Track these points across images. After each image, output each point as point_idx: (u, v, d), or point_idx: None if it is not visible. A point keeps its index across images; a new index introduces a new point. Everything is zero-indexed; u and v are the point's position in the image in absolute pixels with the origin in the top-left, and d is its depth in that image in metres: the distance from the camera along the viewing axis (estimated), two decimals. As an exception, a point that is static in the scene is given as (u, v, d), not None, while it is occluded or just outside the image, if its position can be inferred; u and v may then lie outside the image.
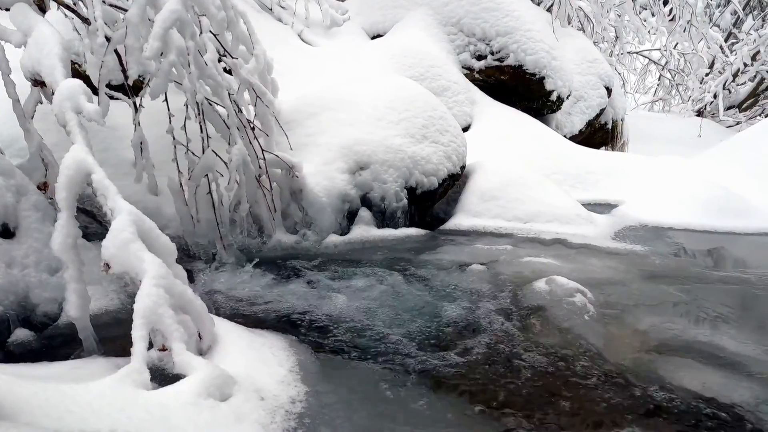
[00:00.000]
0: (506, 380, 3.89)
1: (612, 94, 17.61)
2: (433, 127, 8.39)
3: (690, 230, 8.83)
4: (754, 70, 27.24)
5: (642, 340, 4.59)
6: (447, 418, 3.43)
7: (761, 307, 5.55)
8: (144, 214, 3.76)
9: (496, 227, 8.29)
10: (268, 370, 3.69)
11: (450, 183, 8.60)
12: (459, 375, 3.94)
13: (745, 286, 6.08)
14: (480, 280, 5.89)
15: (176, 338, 3.32)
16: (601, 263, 6.71)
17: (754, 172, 11.08)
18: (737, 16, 30.99)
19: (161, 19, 5.17)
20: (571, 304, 5.13)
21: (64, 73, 4.42)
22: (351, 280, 5.78)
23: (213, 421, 2.89)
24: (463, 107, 13.33)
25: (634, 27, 24.51)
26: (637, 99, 35.45)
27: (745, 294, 5.84)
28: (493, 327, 4.70)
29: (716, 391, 3.80)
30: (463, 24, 14.26)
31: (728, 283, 6.14)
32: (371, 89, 8.62)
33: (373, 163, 7.59)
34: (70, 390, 2.69)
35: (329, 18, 14.05)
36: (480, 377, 3.92)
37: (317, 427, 3.18)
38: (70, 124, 4.07)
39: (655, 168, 11.92)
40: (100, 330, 3.96)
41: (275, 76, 7.60)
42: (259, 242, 6.81)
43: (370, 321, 4.80)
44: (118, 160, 6.36)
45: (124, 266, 3.51)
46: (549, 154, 12.31)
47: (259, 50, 7.07)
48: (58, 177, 3.76)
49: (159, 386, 3.07)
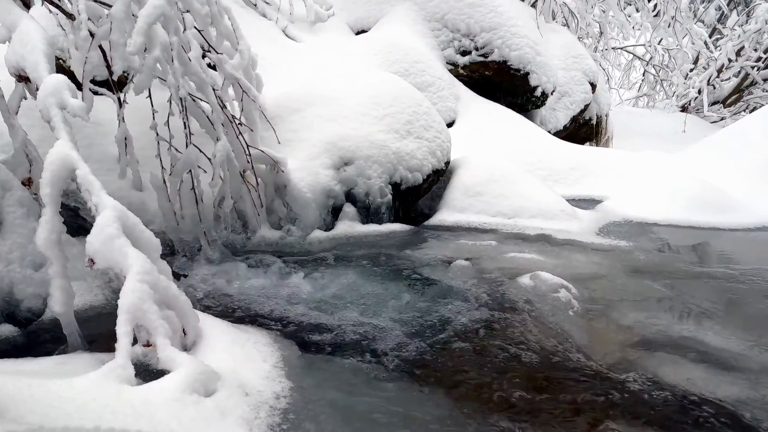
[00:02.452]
0: (490, 376, 3.90)
1: (596, 89, 17.63)
2: (417, 122, 8.40)
3: (674, 226, 8.85)
4: (739, 66, 27.31)
5: (626, 336, 4.60)
6: (431, 413, 3.44)
7: (745, 303, 5.57)
8: (128, 209, 3.76)
9: (480, 223, 8.31)
10: (252, 366, 3.70)
11: (434, 178, 8.61)
12: (443, 370, 3.96)
13: (729, 281, 6.10)
14: (464, 275, 5.90)
15: (161, 334, 3.33)
16: (585, 259, 6.73)
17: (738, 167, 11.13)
18: (722, 11, 31.12)
19: (145, 15, 5.15)
20: (555, 299, 5.15)
21: (49, 68, 4.42)
22: (335, 276, 5.79)
23: (197, 416, 2.89)
24: (448, 103, 13.33)
25: (618, 22, 24.56)
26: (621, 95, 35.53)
27: (729, 289, 5.87)
28: (478, 323, 4.71)
29: (700, 386, 3.82)
30: (448, 20, 14.26)
31: (712, 279, 6.17)
32: (355, 85, 8.62)
33: (357, 159, 7.59)
34: (55, 386, 2.69)
35: (313, 14, 14.02)
36: (464, 373, 3.93)
37: (301, 423, 3.18)
38: (54, 119, 4.07)
39: (640, 163, 11.94)
40: (84, 326, 3.96)
41: (260, 71, 7.59)
42: (244, 238, 6.81)
43: (354, 316, 4.82)
44: (103, 156, 6.34)
45: (108, 262, 3.51)
46: (533, 150, 12.32)
47: (243, 46, 7.06)
48: (43, 173, 3.76)
49: (143, 382, 3.07)
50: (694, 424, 3.38)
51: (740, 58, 27.00)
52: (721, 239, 8.31)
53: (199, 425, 2.85)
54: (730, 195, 9.70)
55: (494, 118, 13.57)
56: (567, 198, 9.73)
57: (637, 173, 11.36)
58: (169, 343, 3.34)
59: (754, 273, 6.35)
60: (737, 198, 9.66)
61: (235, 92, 7.03)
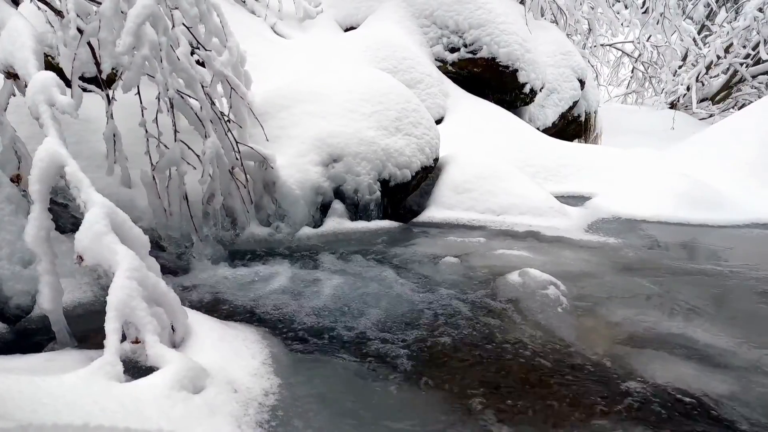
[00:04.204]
0: (478, 373, 3.90)
1: (585, 86, 17.68)
2: (406, 119, 8.41)
3: (663, 222, 8.87)
4: (727, 63, 27.35)
5: (615, 333, 4.61)
6: (417, 410, 3.45)
7: (734, 300, 5.58)
8: (117, 206, 3.75)
9: (469, 219, 8.32)
10: (241, 363, 3.70)
11: (423, 175, 8.62)
12: (430, 367, 3.96)
13: (718, 278, 6.11)
14: (453, 272, 5.91)
15: (149, 330, 3.33)
16: (574, 256, 6.74)
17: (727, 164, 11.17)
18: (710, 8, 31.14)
19: (134, 14, 5.16)
20: (544, 296, 5.15)
21: (37, 65, 4.41)
22: (324, 273, 5.79)
23: (186, 413, 2.89)
24: (437, 99, 13.34)
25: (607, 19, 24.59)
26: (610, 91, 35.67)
27: (718, 286, 5.87)
28: (466, 320, 4.72)
29: (689, 383, 3.82)
30: (437, 16, 14.28)
31: (701, 276, 6.18)
32: (344, 81, 8.62)
33: (346, 156, 7.60)
34: (43, 382, 2.68)
35: (302, 10, 14.01)
36: (451, 369, 3.94)
37: (290, 419, 3.19)
38: (43, 116, 4.06)
39: (629, 160, 11.98)
40: (73, 322, 3.96)
41: (248, 68, 7.59)
42: (232, 235, 6.81)
43: (343, 313, 4.82)
44: (92, 153, 6.33)
45: (97, 258, 3.50)
46: (522, 147, 12.35)
47: (232, 43, 7.06)
48: (32, 169, 3.75)
49: (132, 379, 3.07)
50: (683, 421, 3.39)
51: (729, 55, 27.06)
52: (710, 236, 8.32)
53: (188, 422, 2.85)
54: (719, 192, 9.72)
55: (483, 115, 13.58)
56: (556, 195, 9.75)
57: (626, 170, 11.40)
58: (158, 340, 3.34)
59: (743, 270, 6.37)
60: (726, 195, 9.70)
61: (223, 89, 7.03)
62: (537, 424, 3.33)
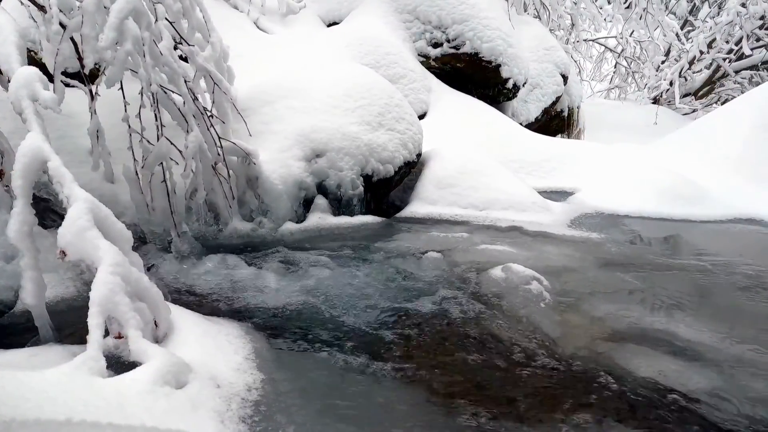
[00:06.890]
0: (461, 368, 3.92)
1: (568, 81, 17.68)
2: (389, 114, 8.41)
3: (646, 218, 8.92)
4: (710, 58, 27.40)
5: (598, 328, 4.63)
6: (400, 405, 3.47)
7: (716, 295, 5.60)
8: (100, 201, 3.75)
9: (452, 215, 8.32)
10: (224, 358, 3.70)
11: (406, 171, 8.62)
12: (413, 362, 3.97)
13: (700, 273, 6.15)
14: (436, 267, 5.92)
15: (132, 326, 3.33)
16: (557, 251, 6.76)
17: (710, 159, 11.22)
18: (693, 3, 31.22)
19: (117, 9, 5.15)
20: (527, 291, 5.17)
21: (20, 60, 4.42)
22: (307, 268, 5.79)
23: (169, 408, 2.90)
24: (420, 95, 13.34)
25: (590, 14, 24.62)
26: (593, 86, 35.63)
27: (701, 281, 5.91)
28: (449, 315, 4.73)
29: (672, 378, 3.85)
30: (419, 11, 14.26)
31: (684, 271, 6.21)
32: (327, 77, 8.62)
33: (329, 151, 7.60)
34: (26, 378, 2.69)
35: (285, 6, 13.98)
36: (434, 365, 3.95)
37: (273, 415, 3.19)
38: (26, 111, 4.06)
39: (611, 155, 11.99)
40: (56, 317, 3.95)
41: (231, 63, 7.59)
42: (215, 230, 6.81)
43: (326, 308, 4.82)
44: (75, 148, 6.32)
45: (80, 254, 3.50)
46: (505, 142, 12.35)
47: (215, 38, 7.05)
48: (15, 164, 3.75)
49: (115, 374, 3.07)
50: (665, 416, 3.41)
51: (712, 50, 27.08)
52: (692, 231, 8.36)
53: (170, 417, 2.85)
54: (701, 187, 9.78)
55: (466, 110, 13.58)
56: (539, 190, 9.77)
57: (609, 165, 11.41)
58: (141, 335, 3.34)
59: (725, 265, 6.40)
60: (709, 190, 9.75)
61: (206, 84, 7.02)
62: (519, 419, 3.34)
